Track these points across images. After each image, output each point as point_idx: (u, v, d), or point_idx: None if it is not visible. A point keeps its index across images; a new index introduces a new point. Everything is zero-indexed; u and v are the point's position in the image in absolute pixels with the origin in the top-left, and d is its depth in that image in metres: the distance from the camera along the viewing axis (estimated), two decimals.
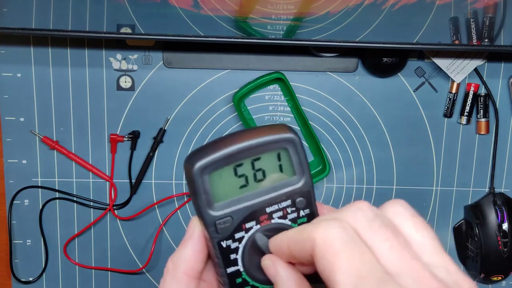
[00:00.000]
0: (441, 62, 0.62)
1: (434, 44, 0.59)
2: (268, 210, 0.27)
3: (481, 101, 0.63)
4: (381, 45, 0.56)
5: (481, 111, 0.64)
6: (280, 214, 0.27)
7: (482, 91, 0.64)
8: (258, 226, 0.27)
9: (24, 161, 0.63)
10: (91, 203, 0.64)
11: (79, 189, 0.64)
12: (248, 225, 0.27)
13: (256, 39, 0.57)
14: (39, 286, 0.65)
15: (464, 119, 0.64)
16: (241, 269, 0.27)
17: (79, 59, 0.61)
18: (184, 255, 0.28)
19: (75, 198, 0.64)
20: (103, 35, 0.56)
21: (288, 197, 0.27)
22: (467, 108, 0.63)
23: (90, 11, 0.59)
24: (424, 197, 0.66)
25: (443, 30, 0.60)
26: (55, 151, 0.63)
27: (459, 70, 0.62)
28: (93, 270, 0.66)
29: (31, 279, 0.65)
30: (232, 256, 0.27)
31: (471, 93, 0.63)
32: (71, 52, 0.61)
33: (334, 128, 0.64)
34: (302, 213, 0.27)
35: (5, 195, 0.63)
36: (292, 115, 0.64)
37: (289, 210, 0.27)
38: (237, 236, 0.27)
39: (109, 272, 0.66)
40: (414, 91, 0.63)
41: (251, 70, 0.62)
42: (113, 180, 0.64)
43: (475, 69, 0.63)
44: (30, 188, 0.63)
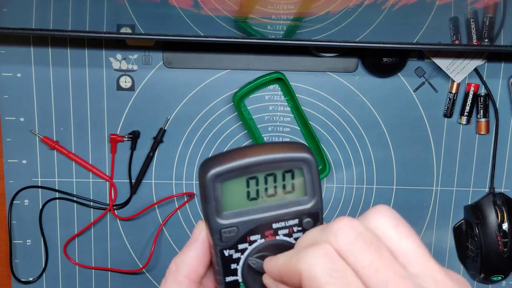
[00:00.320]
0: (441, 62, 0.62)
1: (434, 44, 0.59)
2: (275, 226, 0.27)
3: (481, 101, 0.63)
4: (381, 45, 0.56)
5: (481, 111, 0.64)
6: (286, 232, 0.27)
7: (482, 91, 0.64)
8: (263, 240, 0.27)
9: (24, 161, 0.63)
10: (91, 203, 0.64)
11: (79, 189, 0.64)
12: (253, 238, 0.27)
13: (256, 39, 0.57)
14: (39, 286, 0.65)
15: (464, 119, 0.64)
16: (240, 280, 0.28)
17: (79, 59, 0.61)
18: (187, 259, 0.28)
19: (75, 198, 0.64)
20: (103, 35, 0.56)
21: (296, 216, 0.27)
22: (467, 108, 0.63)
23: (90, 11, 0.59)
24: (424, 197, 0.66)
25: (443, 30, 0.60)
26: (55, 151, 0.63)
27: (459, 70, 0.62)
28: (93, 270, 0.66)
29: (31, 279, 0.65)
30: (233, 266, 0.27)
31: (471, 93, 0.63)
32: (71, 52, 0.61)
33: (334, 128, 0.64)
34: None
35: (5, 195, 0.63)
36: (292, 115, 0.64)
37: (295, 229, 0.27)
38: (240, 247, 0.27)
39: (109, 272, 0.66)
40: (414, 91, 0.64)
41: (251, 70, 0.62)
42: (113, 180, 0.64)
43: (475, 69, 0.63)
44: (30, 188, 0.63)
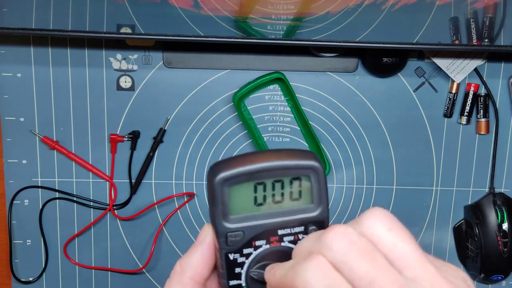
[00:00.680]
0: (441, 62, 0.62)
1: (434, 44, 0.59)
2: (280, 233, 0.27)
3: (481, 101, 0.63)
4: (381, 45, 0.56)
5: (481, 111, 0.64)
6: (291, 239, 0.27)
7: (482, 91, 0.64)
8: (268, 246, 0.27)
9: (24, 161, 0.63)
10: (91, 203, 0.64)
11: (79, 189, 0.64)
12: (258, 243, 0.27)
13: (256, 39, 0.57)
14: (39, 286, 0.65)
15: (464, 119, 0.64)
16: (243, 284, 0.28)
17: (79, 59, 0.61)
18: (193, 261, 0.28)
19: (75, 198, 0.64)
20: (103, 35, 0.56)
21: (302, 224, 0.27)
22: (467, 108, 0.63)
23: (90, 11, 0.59)
24: (424, 197, 0.66)
25: (443, 30, 0.60)
26: (55, 151, 0.63)
27: (459, 70, 0.62)
28: (93, 270, 0.66)
29: (31, 279, 0.65)
30: (237, 270, 0.27)
31: (471, 93, 0.63)
32: (71, 52, 0.61)
33: (334, 128, 0.64)
34: None
35: (5, 195, 0.63)
36: (292, 115, 0.64)
37: (301, 236, 0.27)
38: (245, 252, 0.27)
39: (109, 272, 0.66)
40: (414, 91, 0.63)
41: (251, 70, 0.62)
42: (113, 180, 0.64)
43: (475, 69, 0.63)
44: (30, 188, 0.63)
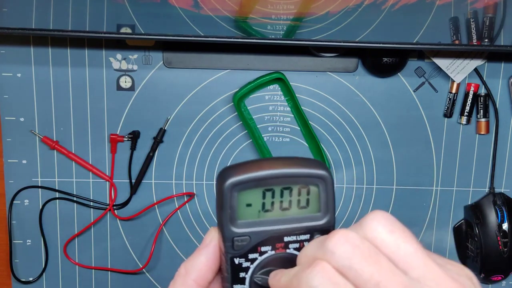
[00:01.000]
0: (441, 62, 0.62)
1: (434, 44, 0.59)
2: (286, 239, 0.27)
3: (481, 101, 0.63)
4: (381, 45, 0.56)
5: (481, 111, 0.64)
6: (297, 246, 0.28)
7: (482, 91, 0.64)
8: (273, 252, 0.27)
9: (24, 161, 0.63)
10: (91, 203, 0.64)
11: (79, 189, 0.64)
12: (264, 249, 0.27)
13: (256, 39, 0.57)
14: (39, 286, 0.65)
15: (464, 119, 0.64)
16: None
17: (79, 59, 0.61)
18: (197, 263, 0.28)
19: (75, 198, 0.64)
20: (103, 35, 0.56)
21: (308, 232, 0.28)
22: (467, 108, 0.63)
23: (90, 11, 0.59)
24: (424, 197, 0.66)
25: (443, 30, 0.60)
26: (55, 151, 0.63)
27: (459, 70, 0.62)
28: (93, 270, 0.66)
29: (31, 279, 0.65)
30: (241, 275, 0.28)
31: (471, 93, 0.63)
32: (71, 52, 0.61)
33: (334, 128, 0.64)
34: None
35: (5, 195, 0.63)
36: (292, 115, 0.64)
37: (306, 244, 0.27)
38: (251, 257, 0.27)
39: (109, 272, 0.66)
40: (414, 91, 0.63)
41: (251, 70, 0.62)
42: (113, 180, 0.64)
43: (475, 69, 0.63)
44: (30, 188, 0.63)
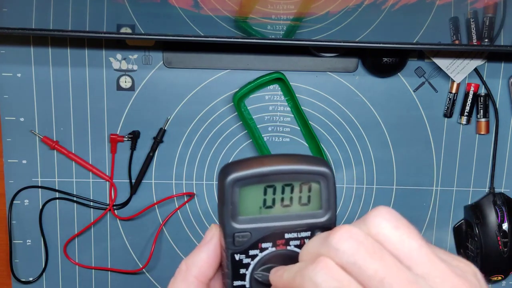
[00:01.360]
0: (441, 62, 0.62)
1: (434, 44, 0.59)
2: (287, 236, 0.27)
3: (481, 101, 0.63)
4: (381, 45, 0.56)
5: (481, 111, 0.64)
6: (297, 243, 0.28)
7: (482, 91, 0.64)
8: (274, 249, 0.27)
9: (24, 161, 0.63)
10: (91, 203, 0.64)
11: (79, 189, 0.64)
12: (264, 245, 0.27)
13: (256, 39, 0.57)
14: (39, 286, 0.65)
15: (464, 119, 0.64)
16: (247, 285, 0.28)
17: (79, 59, 0.61)
18: (198, 260, 0.28)
19: (75, 198, 0.64)
20: (103, 35, 0.56)
21: (309, 229, 0.27)
22: (467, 108, 0.63)
23: (90, 11, 0.59)
24: (424, 197, 0.66)
25: (443, 30, 0.60)
26: (55, 151, 0.63)
27: (459, 70, 0.62)
28: (93, 270, 0.66)
29: (31, 279, 0.65)
30: (242, 271, 0.28)
31: (471, 93, 0.63)
32: (71, 52, 0.61)
33: (334, 128, 0.64)
34: None
35: (5, 195, 0.63)
36: (292, 115, 0.64)
37: (307, 241, 0.27)
38: (251, 253, 0.27)
39: (109, 272, 0.66)
40: (414, 91, 0.63)
41: (251, 70, 0.62)
42: (113, 180, 0.64)
43: (475, 69, 0.63)
44: (30, 188, 0.63)
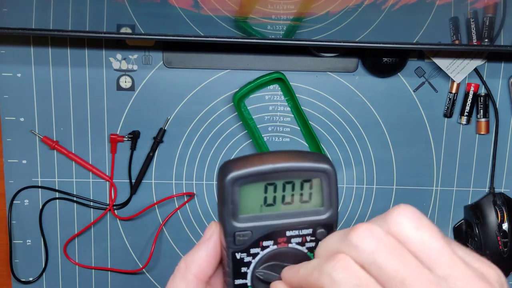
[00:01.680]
0: (441, 62, 0.62)
1: (434, 44, 0.59)
2: (288, 234, 0.27)
3: (481, 101, 0.63)
4: (381, 45, 0.56)
5: (481, 111, 0.64)
6: (299, 241, 0.27)
7: (482, 91, 0.64)
8: (275, 247, 0.27)
9: (24, 161, 0.63)
10: (91, 203, 0.64)
11: (79, 189, 0.64)
12: (266, 243, 0.27)
13: (256, 39, 0.57)
14: (39, 286, 0.65)
15: (464, 119, 0.64)
16: (249, 284, 0.28)
17: (79, 59, 0.61)
18: (197, 258, 0.28)
19: (75, 198, 0.64)
20: (103, 35, 0.56)
21: (310, 226, 0.27)
22: (467, 108, 0.63)
23: (90, 11, 0.59)
24: (424, 197, 0.66)
25: (443, 30, 0.60)
26: (55, 151, 0.63)
27: (459, 70, 0.62)
28: (93, 270, 0.66)
29: (31, 279, 0.65)
30: (243, 269, 0.27)
31: (471, 93, 0.63)
32: (71, 52, 0.61)
33: (334, 128, 0.64)
34: None
35: (5, 195, 0.63)
36: (292, 115, 0.64)
37: (308, 239, 0.27)
38: (252, 251, 0.27)
39: (109, 272, 0.66)
40: (414, 91, 0.63)
41: (251, 70, 0.62)
42: (113, 180, 0.64)
43: (475, 69, 0.63)
44: (30, 188, 0.63)
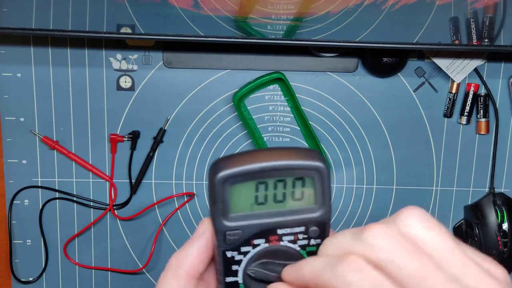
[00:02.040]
0: (441, 62, 0.62)
1: (434, 44, 0.59)
2: (280, 232, 0.27)
3: (481, 101, 0.63)
4: (381, 45, 0.56)
5: (481, 111, 0.64)
6: (291, 238, 0.27)
7: (482, 91, 0.64)
8: (267, 245, 0.27)
9: (24, 161, 0.63)
10: (91, 203, 0.64)
11: (79, 189, 0.64)
12: (257, 242, 0.27)
13: (256, 39, 0.57)
14: (39, 286, 0.65)
15: (464, 119, 0.64)
16: (240, 281, 0.28)
17: (79, 59, 0.61)
18: (189, 255, 0.28)
19: (75, 198, 0.64)
20: (103, 35, 0.56)
21: (303, 224, 0.27)
22: (467, 108, 0.63)
23: (90, 11, 0.59)
24: (424, 197, 0.66)
25: (443, 30, 0.60)
26: (55, 151, 0.63)
27: (459, 70, 0.62)
28: (93, 270, 0.66)
29: (31, 279, 0.65)
30: (234, 267, 0.27)
31: (471, 93, 0.63)
32: (71, 52, 0.61)
33: (334, 128, 0.64)
34: (313, 242, 0.27)
35: (5, 195, 0.63)
36: (292, 115, 0.64)
37: (301, 237, 0.27)
38: (243, 250, 0.27)
39: (109, 272, 0.66)
40: (414, 91, 0.63)
41: (251, 70, 0.62)
42: (113, 180, 0.64)
43: (475, 69, 0.63)
44: (30, 188, 0.63)
